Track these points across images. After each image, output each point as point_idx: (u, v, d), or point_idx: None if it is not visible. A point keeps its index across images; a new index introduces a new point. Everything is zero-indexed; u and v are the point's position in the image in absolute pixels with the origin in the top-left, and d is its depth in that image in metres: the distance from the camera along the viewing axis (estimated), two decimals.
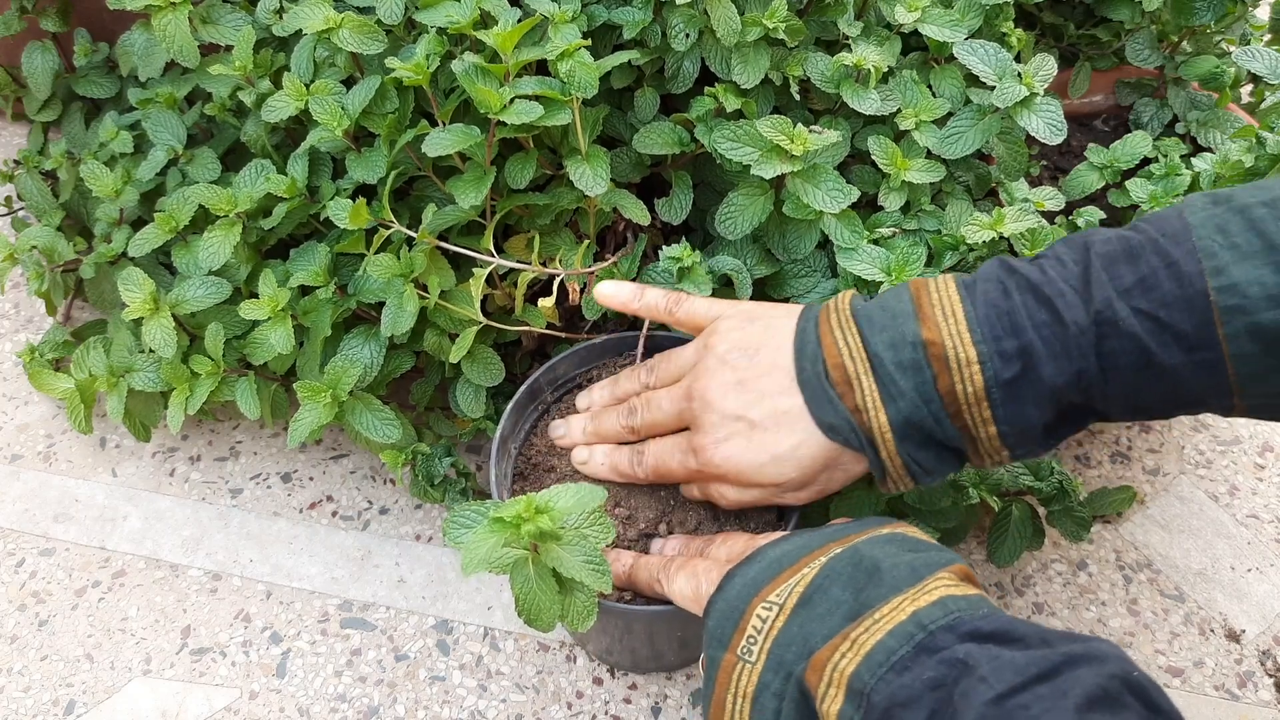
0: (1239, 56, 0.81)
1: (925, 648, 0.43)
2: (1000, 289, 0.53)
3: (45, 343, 0.91)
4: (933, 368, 0.53)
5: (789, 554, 0.52)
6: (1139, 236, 0.51)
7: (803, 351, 0.57)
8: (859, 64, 0.72)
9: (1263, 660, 0.80)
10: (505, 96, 0.67)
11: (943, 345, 0.53)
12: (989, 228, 0.69)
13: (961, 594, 0.46)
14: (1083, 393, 0.52)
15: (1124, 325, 0.49)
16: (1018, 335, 0.51)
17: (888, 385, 0.54)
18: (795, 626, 0.48)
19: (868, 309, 0.56)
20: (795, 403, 0.57)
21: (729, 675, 0.49)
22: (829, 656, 0.45)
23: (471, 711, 0.76)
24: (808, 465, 0.57)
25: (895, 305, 0.55)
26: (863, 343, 0.55)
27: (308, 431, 0.73)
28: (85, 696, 0.77)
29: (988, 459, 0.56)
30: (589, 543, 0.54)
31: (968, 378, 0.52)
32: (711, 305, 0.65)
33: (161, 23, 0.76)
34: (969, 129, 0.74)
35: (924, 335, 0.53)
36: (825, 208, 0.70)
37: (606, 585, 0.54)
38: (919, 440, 0.55)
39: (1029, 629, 0.43)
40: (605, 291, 0.68)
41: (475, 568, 0.52)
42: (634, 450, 0.66)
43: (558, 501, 0.53)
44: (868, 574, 0.48)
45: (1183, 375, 0.49)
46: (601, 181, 0.71)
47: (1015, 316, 0.52)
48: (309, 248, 0.79)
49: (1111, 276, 0.50)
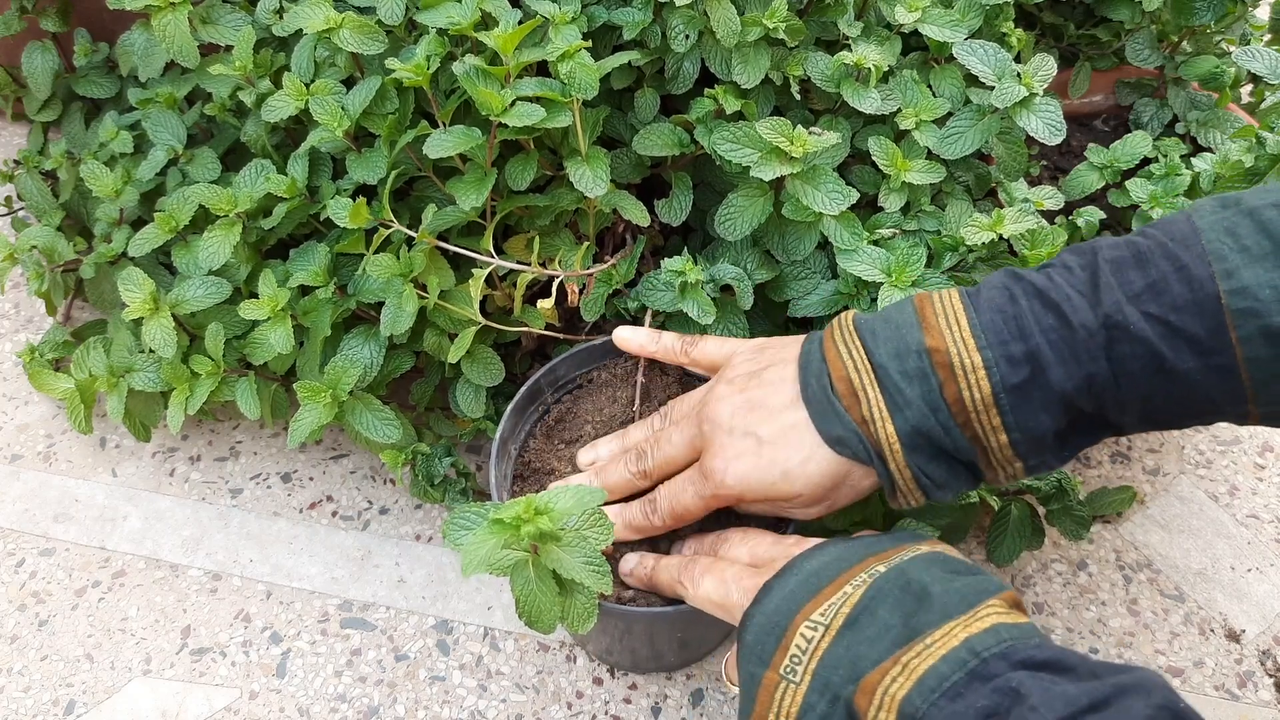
0: (1239, 56, 0.81)
1: (978, 675, 0.43)
2: (1006, 295, 0.53)
3: (45, 343, 0.91)
4: (938, 375, 0.52)
5: (826, 567, 0.52)
6: (1147, 242, 0.51)
7: (807, 368, 0.57)
8: (859, 63, 0.72)
9: (1263, 660, 0.80)
10: (507, 98, 0.67)
11: (947, 352, 0.52)
12: (988, 228, 0.69)
13: (1013, 621, 0.46)
14: (1095, 399, 0.51)
15: (1134, 330, 0.49)
16: (1024, 339, 0.51)
17: (894, 395, 0.53)
18: (842, 648, 0.47)
19: (870, 322, 0.56)
20: (801, 418, 0.57)
21: (771, 694, 0.49)
22: (879, 680, 0.45)
23: (471, 711, 0.76)
24: (816, 481, 0.57)
25: (898, 317, 0.55)
26: (866, 354, 0.55)
27: (308, 432, 0.73)
28: (85, 696, 0.77)
29: (1001, 471, 0.55)
30: (589, 544, 0.54)
31: (974, 383, 0.52)
32: (724, 344, 0.67)
33: (161, 23, 0.76)
34: (968, 129, 0.74)
35: (928, 343, 0.53)
36: (825, 209, 0.70)
37: (607, 587, 0.54)
38: (929, 452, 0.54)
39: (1078, 659, 0.43)
40: (623, 336, 0.71)
41: (475, 569, 0.51)
42: (645, 501, 0.65)
43: (557, 502, 0.52)
44: (917, 598, 0.48)
45: (1196, 381, 0.49)
46: (601, 183, 0.71)
47: (1021, 321, 0.51)
48: (309, 248, 0.79)
49: (1120, 281, 0.50)
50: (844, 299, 0.74)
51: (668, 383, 0.75)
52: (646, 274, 0.76)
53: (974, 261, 0.73)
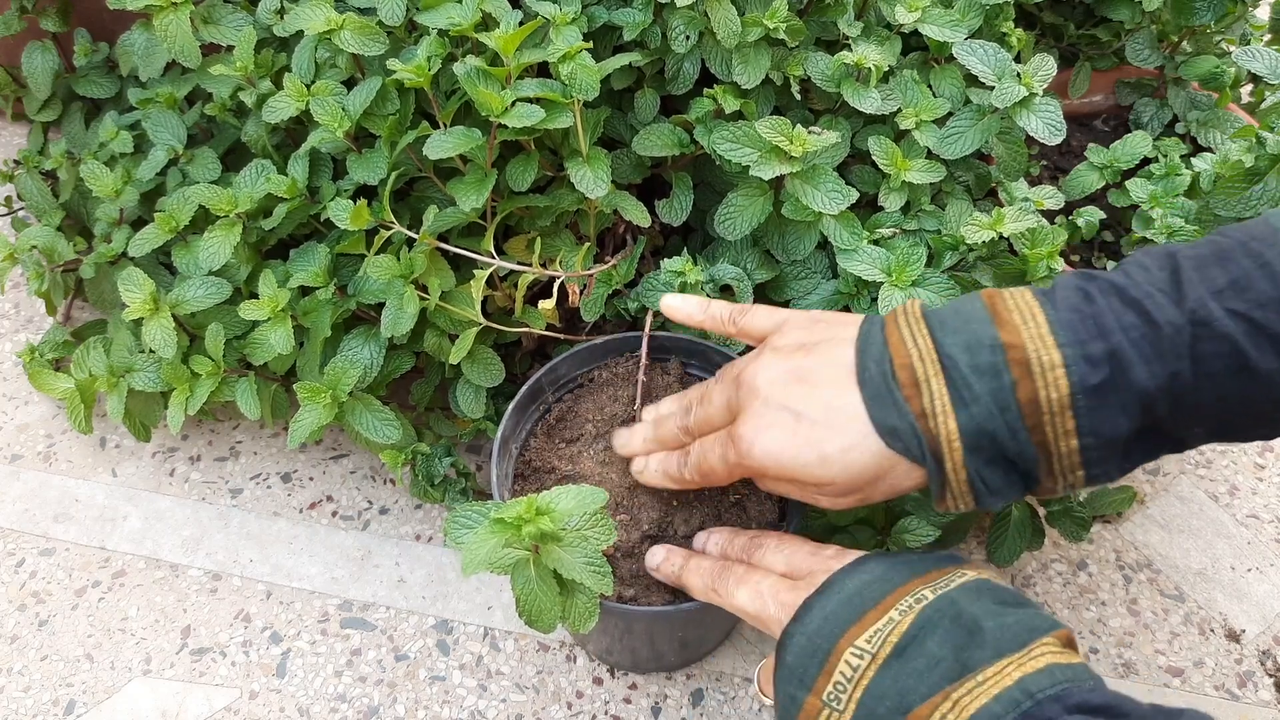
0: (1239, 56, 0.81)
1: (1031, 717, 0.42)
2: (1081, 294, 0.51)
3: (45, 342, 0.91)
4: (1012, 373, 0.50)
5: (869, 587, 0.51)
6: (1227, 240, 0.49)
7: (866, 350, 0.54)
8: (859, 63, 0.73)
9: (1263, 660, 0.80)
10: (507, 99, 0.67)
11: (1024, 349, 0.49)
12: (989, 227, 0.69)
13: (1067, 662, 0.45)
14: (1172, 402, 0.49)
15: (1218, 326, 0.47)
16: (1104, 338, 0.49)
17: (960, 389, 0.50)
18: (889, 679, 0.46)
19: (939, 312, 0.54)
20: (852, 401, 0.53)
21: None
22: (928, 715, 0.44)
23: (471, 711, 0.76)
24: (856, 472, 0.53)
25: (968, 309, 0.53)
26: (934, 344, 0.52)
27: (308, 432, 0.73)
28: (85, 696, 0.77)
29: (1061, 480, 0.52)
30: (590, 544, 0.54)
31: (1051, 383, 0.49)
32: (774, 313, 0.63)
33: (163, 23, 0.76)
34: (968, 129, 0.74)
35: (1003, 338, 0.50)
36: (824, 209, 0.70)
37: (607, 587, 0.54)
38: (989, 454, 0.51)
39: (1133, 705, 0.43)
40: (672, 304, 0.66)
41: (476, 568, 0.51)
42: (681, 452, 0.63)
43: (559, 503, 0.52)
44: (968, 631, 0.47)
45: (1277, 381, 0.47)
46: (603, 184, 0.71)
47: (1101, 319, 0.49)
48: (309, 248, 0.79)
49: (1203, 278, 0.48)
50: (844, 299, 0.74)
51: (669, 382, 0.75)
52: (646, 274, 0.76)
53: (974, 261, 0.73)
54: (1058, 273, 0.70)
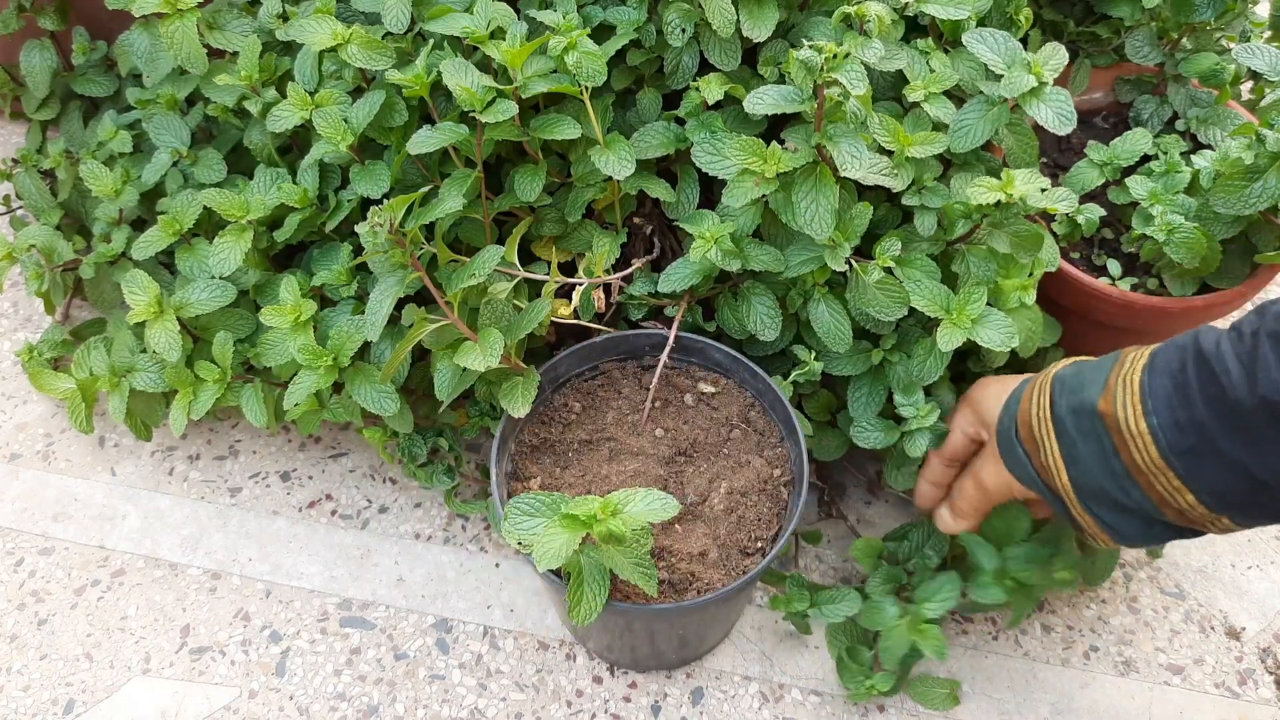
0: (1239, 53, 0.81)
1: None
2: (1179, 360, 0.53)
3: (44, 342, 0.91)
4: (1111, 439, 0.55)
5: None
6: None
7: (1008, 407, 0.64)
8: (860, 14, 0.68)
9: (1263, 658, 0.80)
10: (488, 97, 0.68)
11: (1116, 416, 0.54)
12: (998, 189, 0.67)
13: None
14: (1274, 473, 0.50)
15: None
16: (1189, 407, 0.51)
17: (1069, 448, 0.57)
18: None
19: (1064, 373, 0.60)
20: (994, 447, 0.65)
21: None
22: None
23: (471, 710, 0.76)
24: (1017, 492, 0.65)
25: (1091, 373, 0.58)
26: (1050, 405, 0.59)
27: (304, 395, 0.72)
28: (85, 695, 0.77)
29: (1210, 526, 0.55)
30: (641, 546, 0.57)
31: (1141, 448, 0.53)
32: None
33: (169, 29, 0.75)
34: (977, 120, 0.72)
35: (1100, 406, 0.55)
36: (813, 233, 0.68)
37: (654, 589, 0.58)
38: (1107, 504, 0.57)
39: None
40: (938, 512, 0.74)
41: (550, 562, 0.54)
42: None
43: (630, 506, 0.55)
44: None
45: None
46: (628, 163, 0.72)
47: (1187, 390, 0.52)
48: (331, 248, 0.79)
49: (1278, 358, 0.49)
50: None
51: (670, 380, 0.76)
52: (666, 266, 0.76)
53: (988, 228, 0.71)
54: None
